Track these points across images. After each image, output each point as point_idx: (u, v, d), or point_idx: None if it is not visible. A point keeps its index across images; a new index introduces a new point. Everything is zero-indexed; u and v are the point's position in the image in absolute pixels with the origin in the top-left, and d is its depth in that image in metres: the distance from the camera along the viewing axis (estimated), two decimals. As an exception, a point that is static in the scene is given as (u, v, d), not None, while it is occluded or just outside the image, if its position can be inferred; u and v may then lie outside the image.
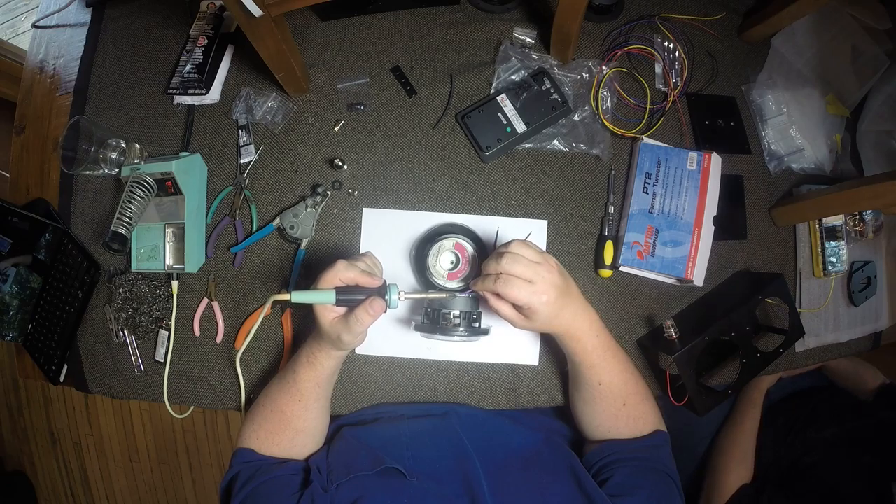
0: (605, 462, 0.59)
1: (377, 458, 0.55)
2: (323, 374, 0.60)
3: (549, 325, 0.57)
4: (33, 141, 0.87)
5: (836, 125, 0.81)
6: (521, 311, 0.56)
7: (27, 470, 1.93)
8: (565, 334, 0.59)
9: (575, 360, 0.61)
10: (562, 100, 0.74)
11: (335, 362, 0.60)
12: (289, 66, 0.68)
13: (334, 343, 0.56)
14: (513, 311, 0.56)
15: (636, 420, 0.61)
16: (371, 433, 0.64)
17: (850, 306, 0.81)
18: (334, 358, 0.59)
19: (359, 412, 0.72)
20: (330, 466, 0.56)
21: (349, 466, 0.55)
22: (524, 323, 0.57)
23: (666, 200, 0.71)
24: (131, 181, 0.69)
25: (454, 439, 0.61)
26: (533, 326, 0.57)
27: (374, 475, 0.53)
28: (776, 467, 0.92)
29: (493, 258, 0.55)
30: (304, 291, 0.53)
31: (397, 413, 0.69)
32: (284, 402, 0.61)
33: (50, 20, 0.90)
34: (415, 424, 0.65)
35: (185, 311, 0.75)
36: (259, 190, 0.75)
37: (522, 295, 0.53)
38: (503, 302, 0.56)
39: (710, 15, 0.79)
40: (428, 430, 0.64)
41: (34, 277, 0.80)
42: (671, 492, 0.56)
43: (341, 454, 0.59)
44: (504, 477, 0.56)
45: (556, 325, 0.58)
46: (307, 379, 0.60)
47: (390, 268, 0.73)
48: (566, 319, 0.58)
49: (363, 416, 0.70)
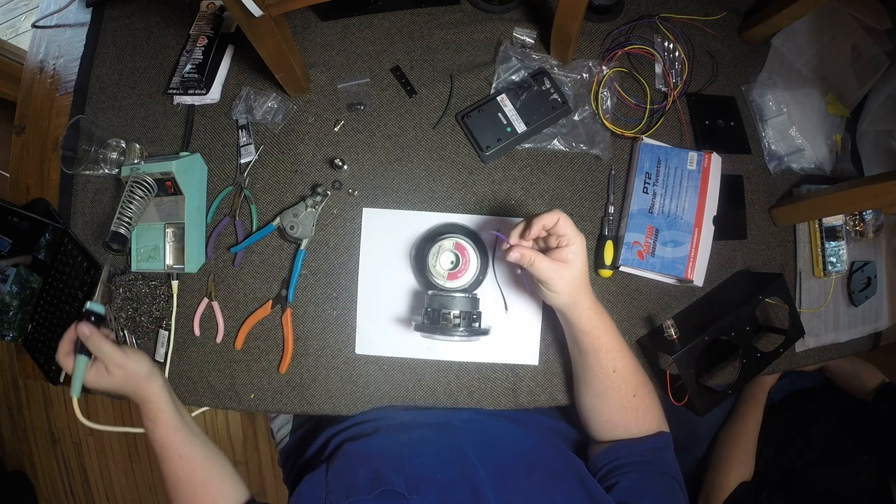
0: (610, 466, 0.59)
1: (377, 477, 0.54)
2: (168, 419, 0.62)
3: (582, 283, 0.57)
4: (33, 141, 0.87)
5: (836, 125, 0.81)
6: (552, 271, 0.56)
7: (27, 470, 1.93)
8: (591, 307, 0.59)
9: (596, 343, 0.60)
10: (562, 100, 0.74)
11: (164, 399, 0.63)
12: (289, 66, 0.68)
13: (140, 378, 0.62)
14: (550, 262, 0.55)
15: (644, 414, 0.61)
16: (371, 446, 0.63)
17: (850, 306, 0.81)
18: (156, 399, 0.62)
19: (358, 422, 0.70)
20: (329, 486, 0.55)
21: (349, 487, 0.54)
22: (557, 278, 0.55)
23: (666, 200, 0.71)
24: (131, 181, 0.69)
25: (456, 447, 0.60)
26: (564, 282, 0.56)
27: (372, 498, 0.52)
28: (776, 466, 0.92)
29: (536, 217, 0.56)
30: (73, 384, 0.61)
31: (397, 420, 0.69)
32: (170, 469, 0.62)
33: (50, 20, 0.90)
34: (415, 434, 0.64)
35: (185, 311, 0.75)
36: (259, 190, 0.75)
37: (577, 239, 0.55)
38: (542, 256, 0.55)
39: (710, 15, 0.79)
40: (429, 439, 0.63)
41: (34, 277, 0.80)
42: (676, 495, 0.56)
43: (341, 473, 0.57)
44: (509, 482, 0.55)
45: (584, 291, 0.58)
46: (163, 433, 0.62)
47: (391, 268, 0.73)
48: (590, 292, 0.59)
49: (364, 428, 0.68)
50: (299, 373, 0.73)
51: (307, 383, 0.73)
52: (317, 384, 0.73)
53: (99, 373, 0.61)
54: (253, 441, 1.75)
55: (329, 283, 0.74)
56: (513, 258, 0.56)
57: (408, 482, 0.54)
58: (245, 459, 1.75)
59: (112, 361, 0.60)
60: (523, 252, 0.55)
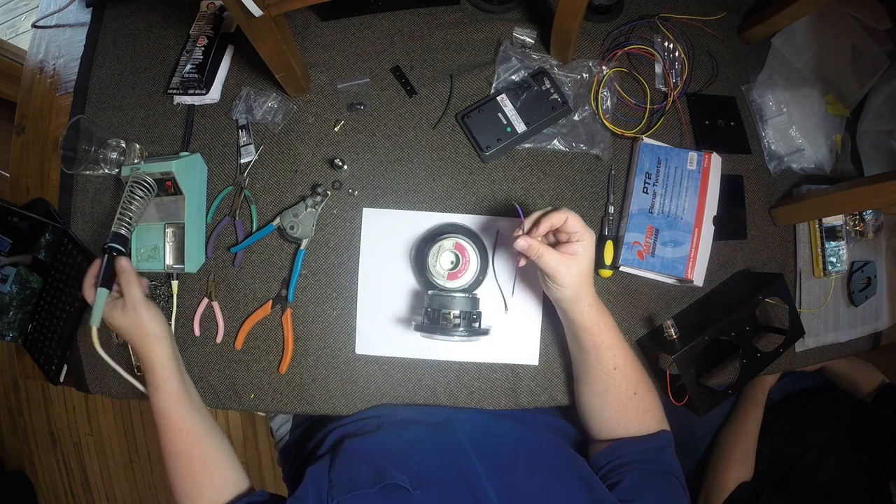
0: (612, 465, 0.59)
1: (379, 472, 0.54)
2: (171, 389, 0.62)
3: (586, 278, 0.58)
4: (33, 141, 0.87)
5: (836, 125, 0.81)
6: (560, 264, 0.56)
7: (27, 470, 1.94)
8: (592, 303, 0.60)
9: (597, 340, 0.60)
10: (562, 100, 0.74)
11: (168, 369, 0.63)
12: (289, 66, 0.68)
13: (148, 335, 0.62)
14: (559, 256, 0.56)
15: (645, 412, 0.62)
16: (373, 443, 0.63)
17: (850, 306, 0.81)
18: (160, 367, 0.62)
19: (360, 419, 0.71)
20: (332, 482, 0.55)
21: (351, 483, 0.54)
22: (565, 272, 0.56)
23: (666, 200, 0.71)
24: (131, 181, 0.69)
25: (456, 444, 0.61)
26: (571, 276, 0.56)
27: (375, 492, 0.53)
28: (775, 466, 0.92)
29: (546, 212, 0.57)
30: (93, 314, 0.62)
31: (398, 417, 0.69)
32: (169, 442, 0.62)
33: (50, 20, 0.90)
34: (417, 431, 0.64)
35: (185, 311, 0.75)
36: (259, 190, 0.75)
37: (587, 235, 0.56)
38: (550, 249, 0.56)
39: (710, 15, 0.79)
40: (430, 436, 0.63)
41: (34, 277, 0.80)
42: (678, 494, 0.57)
43: (343, 469, 0.58)
44: (510, 480, 0.55)
45: (587, 287, 0.59)
46: (165, 403, 0.62)
47: (391, 268, 0.73)
48: (593, 288, 0.60)
49: (365, 425, 0.68)
50: (299, 373, 0.73)
51: (307, 383, 0.73)
52: (317, 384, 0.73)
53: (115, 308, 0.63)
54: (253, 441, 1.75)
55: (329, 283, 0.74)
56: (520, 246, 0.56)
57: (410, 478, 0.54)
58: (245, 459, 1.76)
59: (131, 302, 0.62)
60: (531, 243, 0.56)
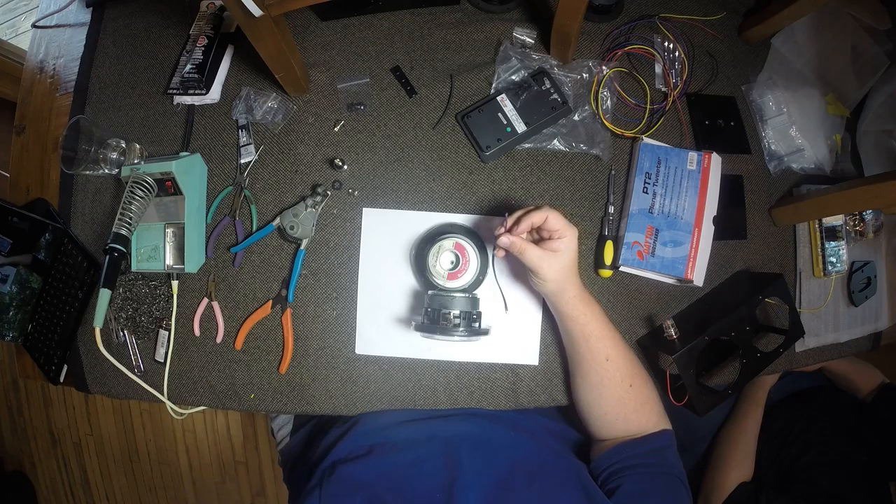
0: (613, 469, 0.59)
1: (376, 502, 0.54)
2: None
3: (570, 272, 0.59)
4: (33, 141, 0.87)
5: (836, 125, 0.81)
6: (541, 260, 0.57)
7: (27, 470, 1.94)
8: (577, 294, 0.61)
9: (585, 330, 0.61)
10: (562, 100, 0.74)
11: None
12: (289, 66, 0.68)
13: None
14: (540, 252, 0.57)
15: (642, 405, 0.62)
16: (366, 469, 0.61)
17: (850, 306, 0.81)
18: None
19: (351, 430, 0.69)
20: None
21: None
22: (547, 267, 0.57)
23: (666, 200, 0.71)
24: (131, 181, 0.69)
25: (453, 463, 0.59)
26: (553, 271, 0.58)
27: None
28: (775, 466, 0.92)
29: (528, 211, 0.58)
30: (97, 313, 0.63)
31: (391, 439, 0.66)
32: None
33: (50, 20, 0.90)
34: (411, 454, 0.62)
35: (185, 311, 0.75)
36: (259, 190, 0.75)
37: (569, 231, 0.57)
38: (532, 245, 0.57)
39: (710, 15, 0.79)
40: (425, 458, 0.61)
41: (34, 277, 0.80)
42: (680, 495, 0.56)
43: (335, 500, 0.56)
44: (509, 495, 0.55)
45: (572, 280, 0.60)
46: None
47: (391, 268, 0.73)
48: (578, 281, 0.61)
49: (357, 449, 0.64)
50: (299, 373, 0.73)
51: (307, 383, 0.73)
52: (317, 384, 0.73)
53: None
54: (253, 441, 1.75)
55: (329, 283, 0.74)
56: (503, 243, 0.58)
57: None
58: (245, 459, 1.76)
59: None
60: (513, 240, 0.58)
